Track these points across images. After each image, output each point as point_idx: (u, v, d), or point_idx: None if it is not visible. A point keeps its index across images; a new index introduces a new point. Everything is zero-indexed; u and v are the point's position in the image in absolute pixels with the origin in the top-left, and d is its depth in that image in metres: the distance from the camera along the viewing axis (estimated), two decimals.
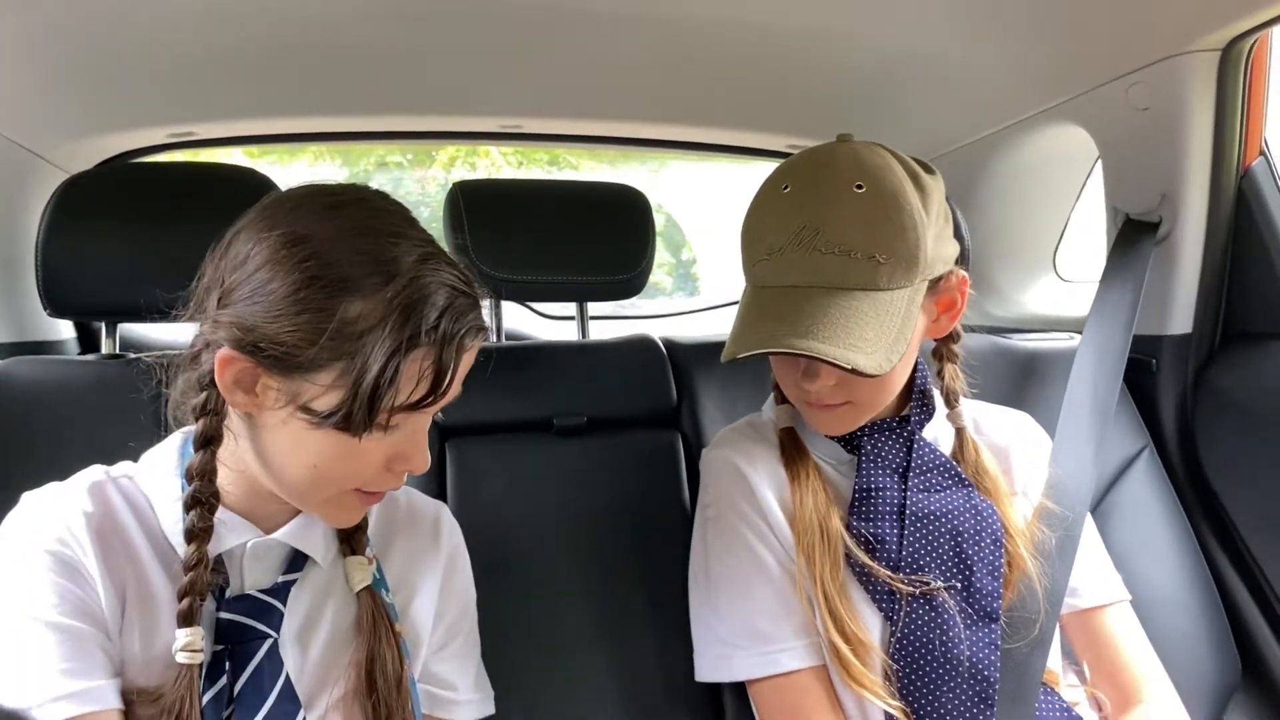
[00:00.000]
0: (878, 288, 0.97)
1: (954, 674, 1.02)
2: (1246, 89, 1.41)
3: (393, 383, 0.77)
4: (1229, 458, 1.46)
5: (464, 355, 0.81)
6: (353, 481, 0.84)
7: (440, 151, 4.37)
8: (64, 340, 1.76)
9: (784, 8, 1.45)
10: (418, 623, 0.98)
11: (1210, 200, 1.45)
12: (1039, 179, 1.89)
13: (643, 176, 3.23)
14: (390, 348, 0.76)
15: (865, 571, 1.06)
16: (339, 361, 0.76)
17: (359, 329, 0.76)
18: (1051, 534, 1.12)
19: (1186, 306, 1.50)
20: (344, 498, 0.85)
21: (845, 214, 0.97)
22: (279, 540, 0.90)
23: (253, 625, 0.87)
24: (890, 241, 0.97)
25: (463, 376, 0.83)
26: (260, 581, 0.89)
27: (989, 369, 1.23)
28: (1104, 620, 1.15)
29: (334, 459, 0.81)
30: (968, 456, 1.15)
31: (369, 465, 0.83)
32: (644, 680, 1.26)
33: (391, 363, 0.76)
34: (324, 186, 0.85)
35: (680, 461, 1.42)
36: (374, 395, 0.77)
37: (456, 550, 1.06)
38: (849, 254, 0.97)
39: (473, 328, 0.81)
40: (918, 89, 1.75)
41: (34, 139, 1.65)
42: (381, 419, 0.79)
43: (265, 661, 0.86)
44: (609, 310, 2.55)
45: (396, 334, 0.76)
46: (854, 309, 0.96)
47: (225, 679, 0.84)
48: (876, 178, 0.98)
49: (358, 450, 0.80)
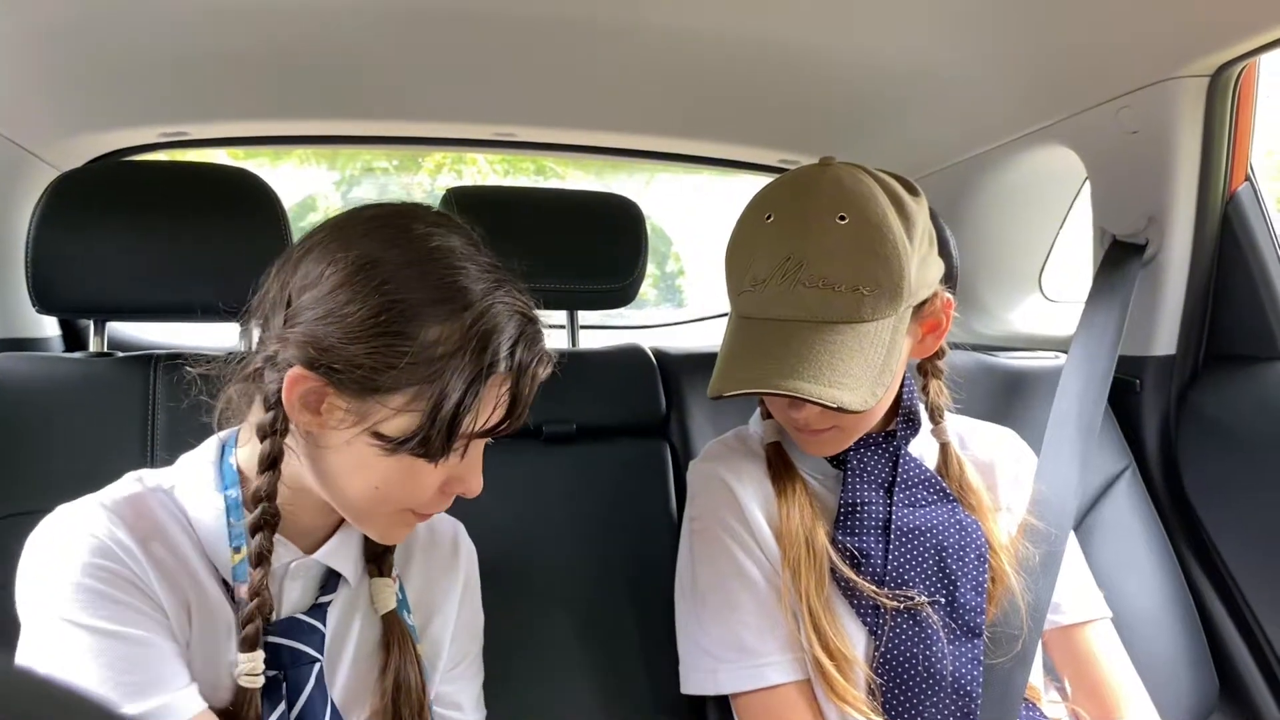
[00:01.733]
0: (861, 319, 0.97)
1: (937, 689, 1.03)
2: (1234, 115, 1.43)
3: (471, 409, 0.78)
4: (1210, 478, 1.48)
5: (536, 383, 0.83)
6: (409, 502, 0.84)
7: (427, 158, 4.37)
8: (49, 338, 1.75)
9: (778, 24, 1.46)
10: (435, 643, 0.98)
11: (1196, 224, 1.47)
12: (1027, 199, 1.91)
13: (630, 188, 3.23)
14: (471, 374, 0.77)
15: (850, 586, 1.06)
16: (415, 386, 0.77)
17: (438, 353, 0.76)
18: (1035, 550, 1.13)
19: (1171, 328, 1.52)
20: (400, 515, 0.86)
21: (828, 246, 0.97)
22: (317, 560, 0.89)
23: (302, 649, 0.86)
24: (874, 272, 0.97)
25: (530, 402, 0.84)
26: (299, 602, 0.88)
27: (975, 386, 1.24)
28: (1085, 637, 1.16)
29: (397, 481, 0.81)
30: (952, 472, 1.15)
31: (428, 488, 0.83)
32: (629, 690, 1.26)
33: (472, 389, 0.77)
34: (395, 207, 0.85)
35: (668, 471, 1.42)
36: (454, 421, 0.77)
37: (471, 572, 1.06)
38: (832, 288, 0.97)
39: (544, 356, 0.83)
40: (909, 107, 1.76)
41: (26, 135, 1.64)
42: (459, 444, 0.80)
43: (316, 687, 0.86)
44: (595, 320, 2.55)
45: (476, 360, 0.77)
46: (838, 344, 0.96)
47: (284, 705, 0.84)
48: (860, 207, 0.98)
49: (422, 473, 0.81)
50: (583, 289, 1.55)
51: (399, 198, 3.56)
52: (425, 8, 1.43)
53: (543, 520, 1.34)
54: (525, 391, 0.81)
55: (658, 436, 1.46)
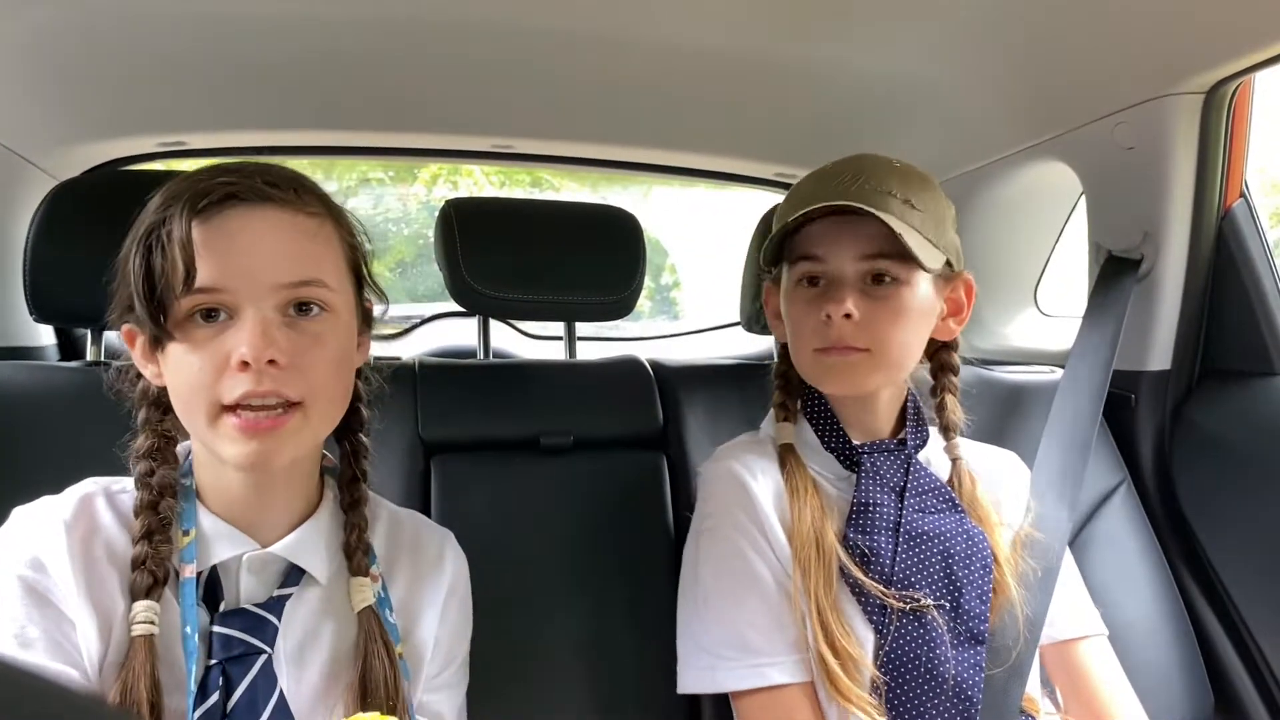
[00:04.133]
0: (913, 227, 1.06)
1: (939, 692, 1.03)
2: (1229, 132, 1.44)
3: (159, 273, 0.82)
4: (1205, 493, 1.48)
5: (189, 240, 0.83)
6: (209, 393, 0.81)
7: (423, 169, 4.38)
8: (44, 346, 1.74)
9: (775, 40, 1.47)
10: (420, 647, 0.98)
11: (1191, 239, 1.48)
12: (1023, 213, 1.92)
13: (627, 201, 3.24)
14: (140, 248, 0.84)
15: (858, 586, 1.06)
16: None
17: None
18: (1035, 566, 1.14)
19: (1166, 343, 1.53)
20: (222, 421, 0.82)
21: (885, 170, 1.10)
22: (275, 554, 0.89)
23: (246, 639, 0.85)
24: (923, 197, 1.09)
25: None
26: (256, 596, 0.88)
27: (971, 400, 1.24)
28: (1080, 652, 1.17)
29: (183, 373, 0.82)
30: (964, 487, 1.17)
31: (207, 370, 0.82)
32: (623, 703, 1.26)
33: (139, 255, 0.83)
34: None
35: (665, 482, 1.42)
36: (149, 290, 0.83)
37: (459, 578, 1.05)
38: (889, 193, 1.07)
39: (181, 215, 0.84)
40: (905, 122, 1.77)
41: (24, 144, 1.64)
42: (175, 311, 0.82)
43: (259, 678, 0.85)
44: (591, 331, 2.55)
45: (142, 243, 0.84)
46: (895, 223, 1.04)
47: (217, 695, 0.83)
48: (910, 165, 1.13)
49: (192, 356, 0.82)
50: (581, 301, 1.56)
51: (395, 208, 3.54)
52: (423, 20, 1.43)
53: (540, 530, 1.34)
54: (183, 247, 0.81)
55: (655, 448, 1.46)
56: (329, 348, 0.86)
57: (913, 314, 1.09)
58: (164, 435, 0.91)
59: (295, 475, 0.92)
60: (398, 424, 1.36)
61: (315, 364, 0.84)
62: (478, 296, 1.49)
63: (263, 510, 0.89)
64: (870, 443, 1.15)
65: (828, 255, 1.10)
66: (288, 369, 0.81)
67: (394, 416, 1.37)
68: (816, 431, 1.18)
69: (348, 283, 0.91)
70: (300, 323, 0.84)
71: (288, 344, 0.82)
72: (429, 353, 2.14)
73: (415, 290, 4.70)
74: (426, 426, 1.39)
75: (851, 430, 1.17)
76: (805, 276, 1.13)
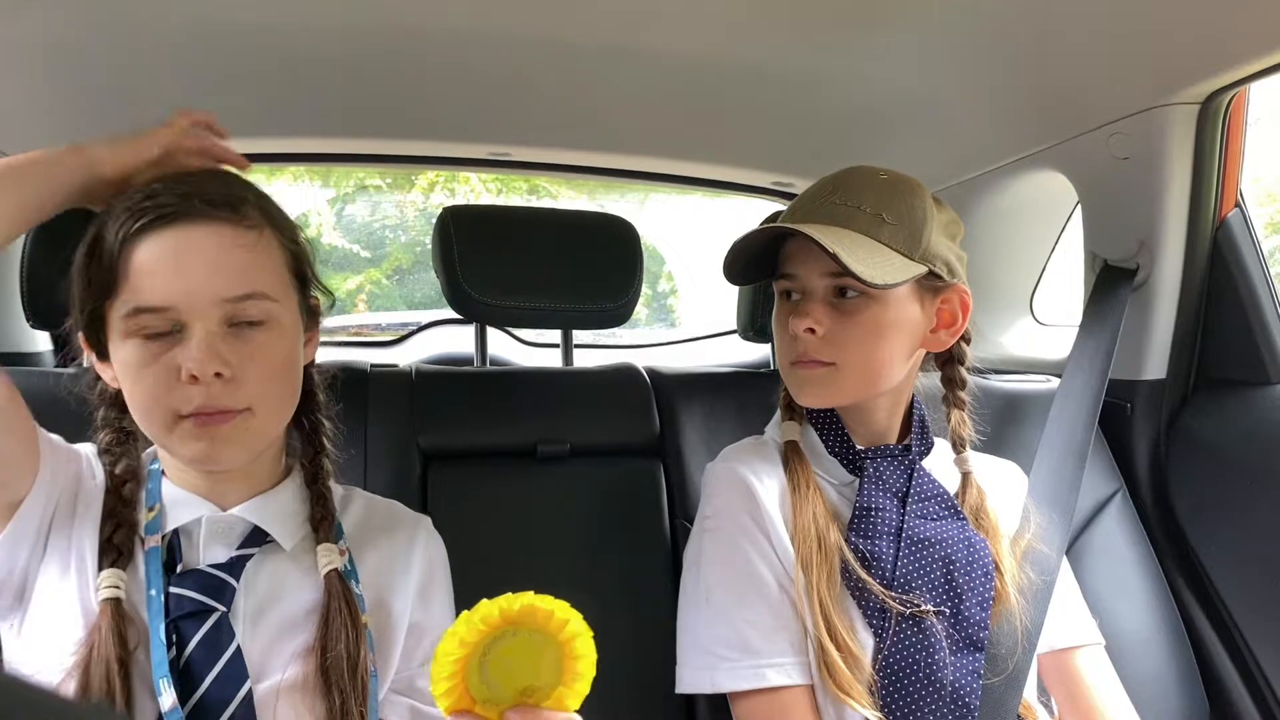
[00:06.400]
0: (878, 240, 1.07)
1: (936, 697, 1.03)
2: (1224, 142, 1.44)
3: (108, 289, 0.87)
4: (1200, 502, 1.48)
5: (132, 254, 0.86)
6: (166, 402, 0.86)
7: (420, 177, 4.38)
8: (41, 352, 1.74)
9: (772, 49, 1.47)
10: (391, 617, 0.99)
11: (1187, 249, 1.48)
12: (1019, 223, 1.92)
13: (622, 208, 3.25)
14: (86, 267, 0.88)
15: (859, 588, 1.07)
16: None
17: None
18: (1035, 576, 1.14)
19: (1161, 352, 1.53)
20: (179, 427, 0.87)
21: (863, 183, 1.11)
22: (238, 516, 0.94)
23: (200, 599, 0.89)
24: (898, 209, 1.08)
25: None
26: (218, 559, 0.92)
27: None
28: (1076, 661, 1.17)
29: (135, 382, 0.87)
30: (971, 499, 1.17)
31: (159, 381, 0.86)
32: (618, 708, 1.26)
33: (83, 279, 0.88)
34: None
35: (662, 490, 1.42)
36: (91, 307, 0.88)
37: (436, 562, 1.06)
38: (858, 208, 1.09)
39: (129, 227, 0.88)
40: (901, 132, 1.77)
41: (21, 150, 1.63)
42: (117, 323, 0.87)
43: (213, 632, 0.88)
44: (588, 339, 2.55)
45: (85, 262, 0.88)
46: (854, 240, 1.05)
47: (174, 651, 0.86)
48: (900, 175, 1.13)
49: (145, 368, 0.86)
50: (578, 308, 1.56)
51: (392, 215, 3.56)
52: (421, 28, 1.43)
53: (536, 538, 1.34)
54: (125, 264, 0.85)
55: (651, 456, 1.46)
56: (274, 355, 0.90)
57: (884, 327, 1.09)
58: (124, 430, 0.96)
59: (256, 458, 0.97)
60: (394, 431, 1.36)
61: (260, 372, 0.89)
62: (475, 304, 1.49)
63: (226, 482, 0.95)
64: (874, 447, 1.16)
65: (798, 271, 1.12)
66: (232, 381, 0.86)
67: (391, 424, 1.37)
68: (821, 435, 1.18)
69: (290, 288, 0.95)
70: (245, 332, 0.88)
71: (233, 355, 0.86)
72: (426, 360, 2.14)
73: (412, 297, 4.71)
74: (423, 434, 1.39)
75: (855, 435, 1.17)
76: (784, 291, 1.16)
